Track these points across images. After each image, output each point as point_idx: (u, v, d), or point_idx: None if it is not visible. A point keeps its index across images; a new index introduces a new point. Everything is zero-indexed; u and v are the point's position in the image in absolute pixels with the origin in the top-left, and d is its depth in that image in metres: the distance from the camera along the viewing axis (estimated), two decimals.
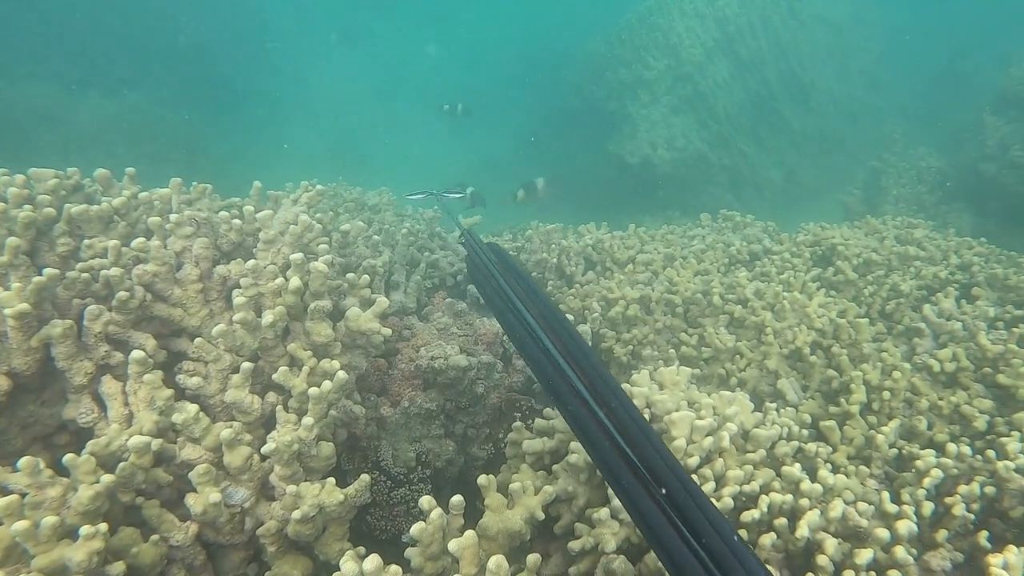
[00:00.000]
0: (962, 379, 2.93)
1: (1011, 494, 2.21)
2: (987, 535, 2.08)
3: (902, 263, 4.03)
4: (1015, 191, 6.62)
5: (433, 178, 12.74)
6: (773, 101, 9.59)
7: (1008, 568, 1.80)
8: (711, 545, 1.00)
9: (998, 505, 2.23)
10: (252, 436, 2.26)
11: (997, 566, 1.81)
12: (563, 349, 1.43)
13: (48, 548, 1.71)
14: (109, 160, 3.19)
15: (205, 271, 2.51)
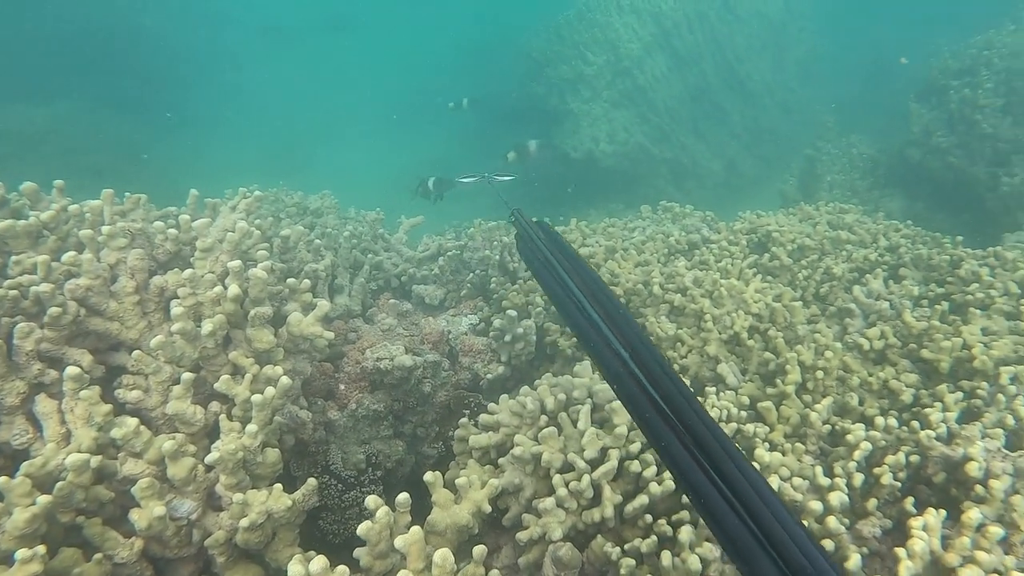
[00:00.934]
0: (890, 355, 3.10)
1: (934, 461, 2.34)
2: (913, 501, 2.21)
3: (834, 247, 4.21)
4: (939, 175, 6.98)
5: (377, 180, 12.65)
6: (711, 94, 9.86)
7: (927, 529, 1.93)
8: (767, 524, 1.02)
9: (923, 472, 2.37)
10: (196, 447, 2.24)
11: (918, 528, 1.93)
12: (604, 315, 1.46)
13: None
14: (42, 173, 3.07)
15: (141, 283, 2.47)
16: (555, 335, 3.49)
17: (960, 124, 6.82)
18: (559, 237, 1.88)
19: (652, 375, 1.28)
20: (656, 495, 2.07)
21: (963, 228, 5.17)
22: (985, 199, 6.37)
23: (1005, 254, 3.73)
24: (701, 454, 1.11)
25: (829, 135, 9.25)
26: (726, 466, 1.07)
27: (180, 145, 12.30)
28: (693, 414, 1.19)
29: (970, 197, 6.54)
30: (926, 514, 1.97)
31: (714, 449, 1.11)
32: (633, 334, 1.38)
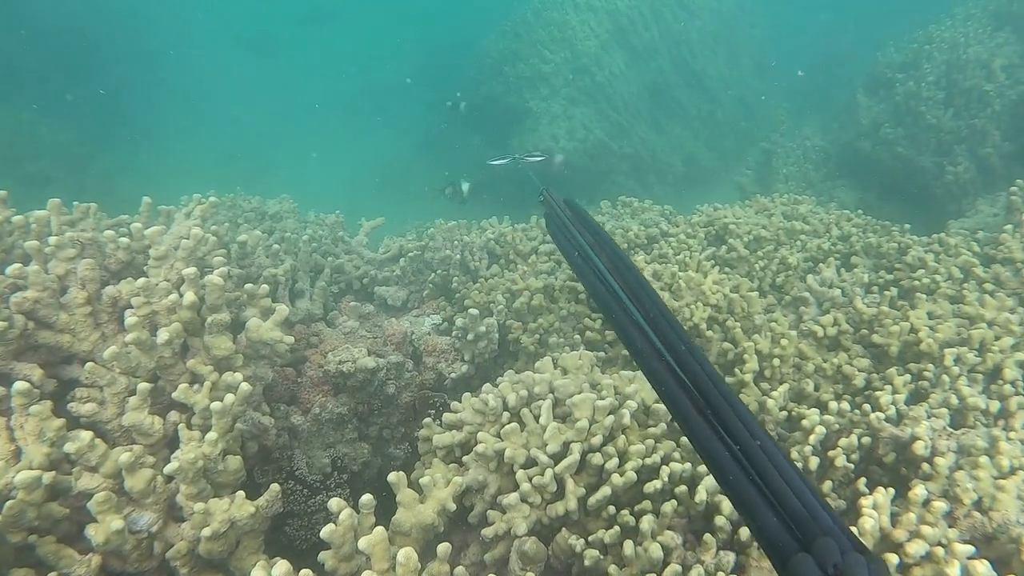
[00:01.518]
0: (843, 341, 3.20)
1: (884, 442, 2.43)
2: (865, 482, 2.29)
3: (789, 237, 4.33)
4: (888, 165, 7.21)
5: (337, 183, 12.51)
6: (669, 89, 9.99)
7: (877, 507, 2.00)
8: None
9: (875, 453, 2.46)
10: (156, 458, 2.21)
11: (868, 507, 2.01)
12: (627, 289, 1.48)
13: None
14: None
15: (93, 293, 2.41)
16: (517, 332, 3.51)
17: (906, 116, 7.05)
18: (587, 216, 1.89)
19: (671, 345, 1.30)
20: (619, 486, 2.10)
21: (912, 216, 5.34)
22: (932, 188, 6.60)
23: (948, 240, 3.89)
24: (717, 420, 1.15)
25: (783, 128, 9.46)
26: (739, 432, 1.12)
27: (135, 153, 11.98)
28: (709, 381, 1.21)
29: (918, 186, 6.78)
30: (875, 493, 2.05)
31: (727, 414, 1.15)
32: (653, 305, 1.40)
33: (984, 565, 1.78)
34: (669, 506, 2.05)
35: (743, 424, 1.14)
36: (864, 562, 0.92)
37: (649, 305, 1.42)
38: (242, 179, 7.00)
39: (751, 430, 1.12)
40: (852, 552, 0.93)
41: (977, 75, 6.52)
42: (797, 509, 1.00)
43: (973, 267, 3.52)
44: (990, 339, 2.87)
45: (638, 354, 1.35)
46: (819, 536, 0.96)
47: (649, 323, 1.36)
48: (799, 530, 0.99)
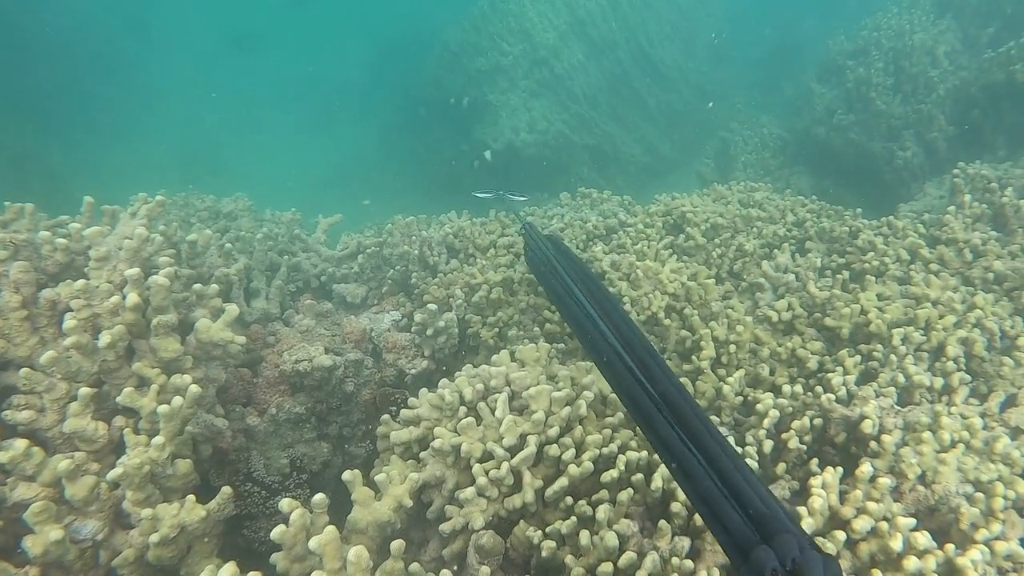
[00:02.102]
0: (797, 325, 3.25)
1: (835, 422, 2.47)
2: (818, 462, 2.33)
3: (746, 224, 4.38)
4: (842, 151, 7.35)
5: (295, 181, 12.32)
6: (628, 80, 10.03)
7: (825, 486, 2.04)
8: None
9: (827, 434, 2.50)
10: (100, 464, 2.16)
11: (817, 486, 2.05)
12: (600, 311, 1.63)
13: None
14: None
15: (28, 296, 2.34)
16: (477, 326, 3.50)
17: (858, 102, 7.20)
18: (566, 247, 2.07)
19: (644, 365, 1.43)
20: (575, 476, 2.11)
21: (865, 201, 5.45)
22: (883, 172, 6.76)
23: (896, 223, 3.98)
24: (685, 433, 1.28)
25: (741, 117, 9.60)
26: (707, 443, 1.25)
27: (84, 152, 11.58)
28: (677, 394, 1.35)
29: (870, 171, 6.93)
30: (824, 472, 2.09)
31: (693, 423, 1.28)
32: (624, 325, 1.53)
33: (925, 536, 1.83)
34: (625, 495, 2.06)
35: (709, 435, 1.25)
36: (820, 559, 1.02)
37: (619, 322, 1.56)
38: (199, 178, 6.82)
39: (717, 440, 1.24)
40: (809, 549, 1.03)
41: (923, 61, 6.69)
42: (759, 509, 1.10)
43: (919, 248, 3.62)
44: (935, 318, 2.95)
45: (615, 378, 1.47)
46: (779, 533, 1.06)
47: (618, 338, 1.49)
48: (759, 528, 1.09)
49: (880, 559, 1.87)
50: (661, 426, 1.32)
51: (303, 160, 13.67)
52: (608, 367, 1.54)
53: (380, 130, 12.63)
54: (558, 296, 1.86)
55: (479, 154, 8.50)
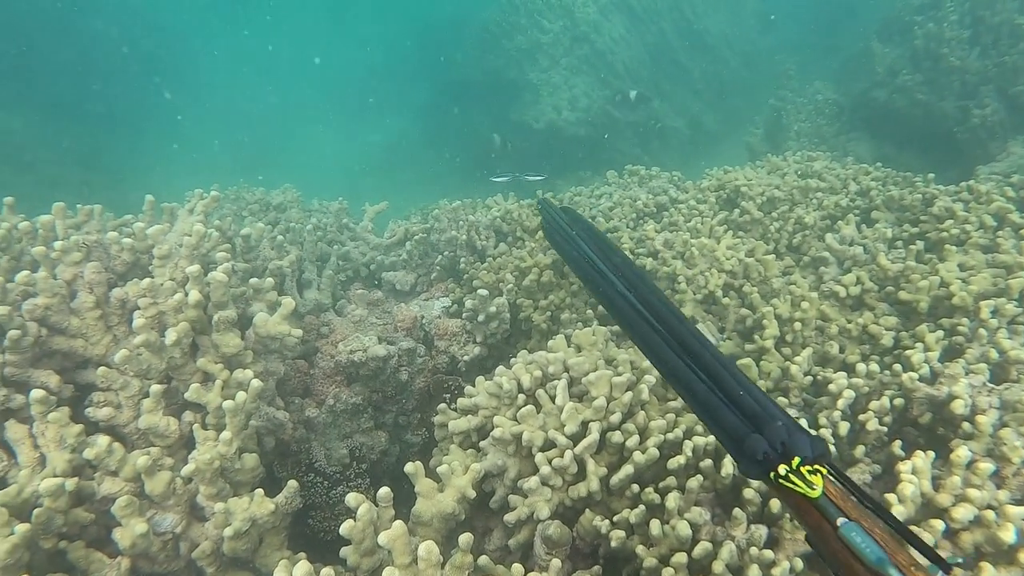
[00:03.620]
0: (868, 300, 3.07)
1: (919, 402, 2.32)
2: (901, 444, 2.19)
3: (804, 196, 4.17)
4: (907, 113, 6.94)
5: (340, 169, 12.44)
6: (671, 52, 9.73)
7: (916, 472, 1.90)
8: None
9: (909, 414, 2.35)
10: (174, 459, 2.21)
11: (906, 472, 1.90)
12: (613, 267, 1.76)
13: None
14: None
15: (101, 296, 2.41)
16: (528, 310, 3.42)
17: (925, 60, 6.77)
18: (580, 217, 2.18)
19: (651, 306, 1.59)
20: (641, 464, 2.02)
21: (933, 165, 5.14)
22: (955, 134, 6.34)
23: (978, 187, 3.71)
24: (687, 355, 1.44)
25: (792, 84, 9.18)
26: (704, 356, 1.42)
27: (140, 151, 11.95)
28: (678, 324, 1.51)
29: (939, 133, 6.52)
30: (914, 457, 1.94)
31: (696, 348, 1.44)
32: (635, 276, 1.68)
33: None
34: (695, 481, 1.96)
35: (710, 354, 1.42)
36: (807, 439, 1.17)
37: (634, 279, 1.68)
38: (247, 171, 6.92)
39: (716, 358, 1.41)
40: (797, 432, 1.19)
41: (1007, 8, 6.20)
42: (751, 407, 1.27)
43: (1008, 213, 3.36)
44: None
45: (624, 320, 1.62)
46: (770, 423, 1.22)
47: (629, 288, 1.63)
48: (753, 422, 1.24)
49: (988, 551, 1.72)
50: (667, 353, 1.47)
51: (345, 148, 13.80)
52: (618, 312, 1.67)
53: (420, 114, 12.62)
54: (573, 260, 1.98)
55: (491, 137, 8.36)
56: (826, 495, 1.08)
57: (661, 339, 1.49)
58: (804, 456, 1.13)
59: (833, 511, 1.05)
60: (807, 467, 1.11)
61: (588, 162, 8.56)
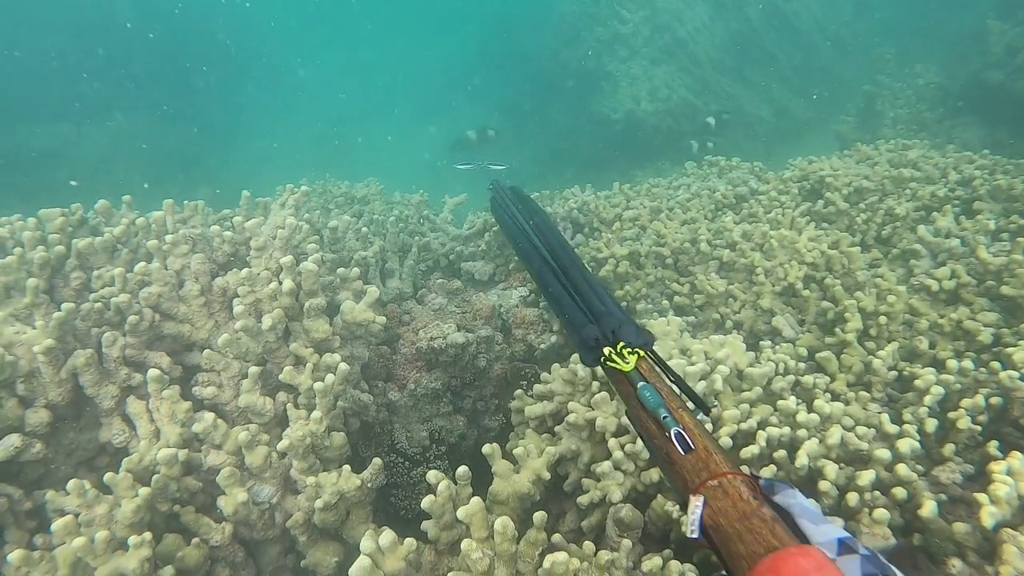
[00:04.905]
0: (964, 295, 2.94)
1: (1020, 402, 2.21)
2: (997, 444, 2.10)
3: (896, 186, 4.00)
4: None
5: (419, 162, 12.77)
6: (756, 38, 9.39)
7: (1013, 473, 1.83)
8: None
9: (1009, 415, 2.25)
10: (269, 436, 2.40)
11: (1000, 472, 1.84)
12: (536, 231, 1.97)
13: (105, 560, 1.88)
14: (113, 189, 3.30)
15: (205, 285, 2.63)
16: None
17: None
18: (526, 196, 2.40)
19: (552, 249, 1.84)
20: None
21: None
22: None
23: None
24: (565, 277, 1.71)
25: (889, 68, 8.68)
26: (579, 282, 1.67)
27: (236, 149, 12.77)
28: (571, 263, 1.76)
29: None
30: (1010, 457, 1.88)
31: (573, 273, 1.71)
32: (559, 247, 1.86)
33: None
34: (768, 472, 2.00)
35: (579, 274, 1.68)
36: (634, 329, 1.40)
37: (547, 234, 1.91)
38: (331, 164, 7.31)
39: (583, 275, 1.67)
40: (627, 324, 1.41)
41: None
42: (596, 306, 1.52)
43: None
44: None
45: (531, 264, 1.86)
46: (605, 317, 1.46)
47: (550, 253, 1.83)
48: (596, 318, 1.49)
49: None
50: (549, 277, 1.73)
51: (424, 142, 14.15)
52: (526, 257, 1.91)
53: (499, 108, 12.77)
54: (510, 230, 2.16)
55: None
56: (637, 369, 1.29)
57: (549, 269, 1.76)
58: (629, 342, 1.36)
59: (638, 379, 1.25)
60: (628, 349, 1.34)
61: (668, 153, 8.44)
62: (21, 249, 2.43)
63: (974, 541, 1.81)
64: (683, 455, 1.04)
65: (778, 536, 0.83)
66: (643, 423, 1.18)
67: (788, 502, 0.93)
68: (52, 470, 2.32)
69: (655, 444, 1.14)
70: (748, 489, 0.94)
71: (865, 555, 0.79)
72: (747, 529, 0.85)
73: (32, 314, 2.34)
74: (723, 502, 0.92)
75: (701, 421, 1.15)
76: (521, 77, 11.51)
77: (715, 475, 0.98)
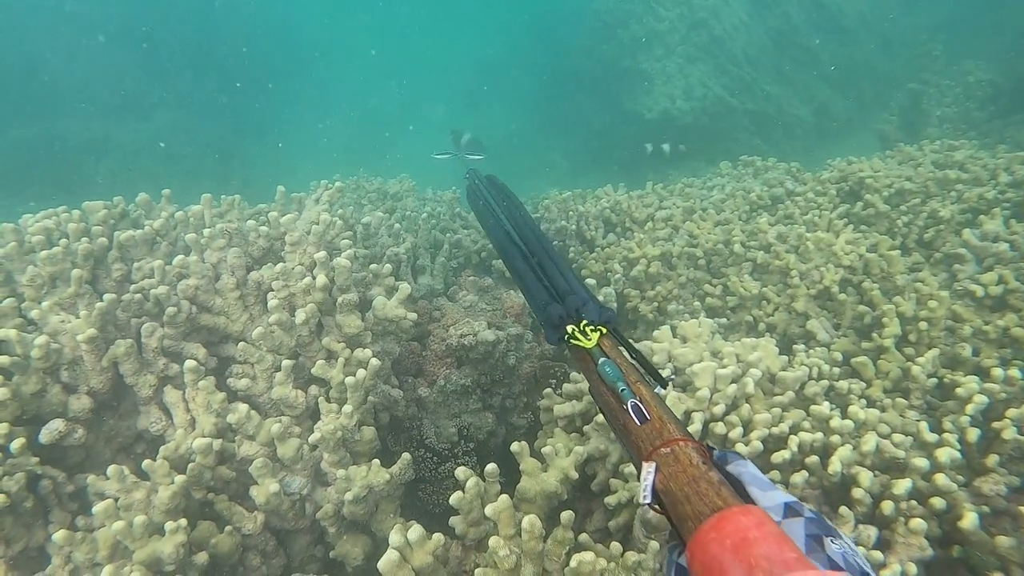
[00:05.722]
0: (1012, 301, 2.84)
1: None
2: None
3: (941, 188, 3.88)
4: None
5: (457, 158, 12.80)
6: (795, 35, 9.18)
7: None
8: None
9: None
10: (300, 428, 2.44)
11: None
12: (518, 230, 1.94)
13: (143, 543, 1.94)
14: (150, 181, 3.38)
15: (240, 279, 2.67)
16: (635, 301, 3.46)
17: None
18: (501, 184, 2.39)
19: (520, 230, 1.86)
20: (744, 454, 2.03)
21: None
22: None
23: None
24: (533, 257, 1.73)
25: (936, 65, 8.41)
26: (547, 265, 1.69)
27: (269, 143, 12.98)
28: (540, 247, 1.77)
29: None
30: None
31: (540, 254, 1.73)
32: (529, 231, 1.88)
33: None
34: (799, 476, 1.96)
35: (548, 257, 1.71)
36: (597, 307, 1.42)
37: (526, 230, 1.88)
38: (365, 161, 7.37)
39: (551, 256, 1.71)
40: (591, 303, 1.44)
41: None
42: (562, 286, 1.57)
43: None
44: None
45: (510, 260, 1.84)
46: (570, 295, 1.50)
47: (522, 239, 1.83)
48: (561, 297, 1.53)
49: None
50: (518, 260, 1.75)
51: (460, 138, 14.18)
52: (503, 252, 1.89)
53: (534, 104, 12.74)
54: (482, 216, 2.18)
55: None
56: (599, 346, 1.31)
57: (519, 252, 1.78)
58: (592, 320, 1.38)
59: (599, 355, 1.27)
60: (591, 327, 1.36)
61: (704, 152, 8.32)
62: (66, 240, 2.51)
63: (1019, 556, 1.75)
64: (639, 425, 1.07)
65: (723, 497, 0.84)
66: (603, 397, 1.21)
67: (739, 471, 0.94)
68: (93, 455, 2.39)
69: (614, 416, 1.17)
70: (698, 455, 0.96)
71: (810, 517, 0.82)
72: (695, 492, 0.88)
73: (76, 304, 2.42)
74: (674, 467, 0.94)
75: (659, 394, 1.19)
76: (555, 74, 11.47)
77: (667, 442, 1.00)
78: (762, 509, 0.79)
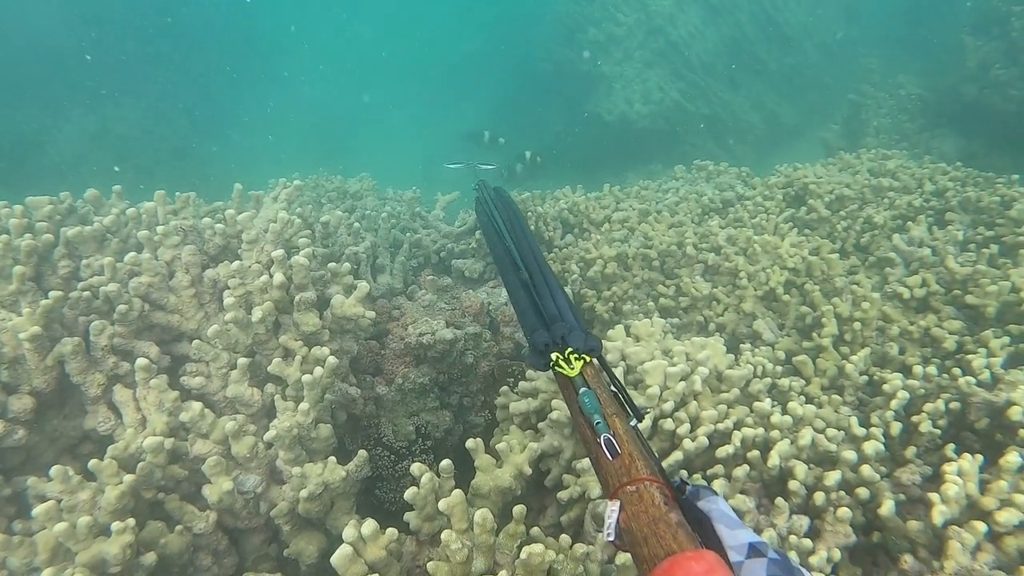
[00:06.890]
0: (933, 303, 3.04)
1: (976, 407, 2.31)
2: (954, 448, 2.19)
3: (876, 195, 4.10)
4: (1000, 109, 6.58)
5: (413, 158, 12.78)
6: (748, 44, 9.49)
7: (962, 474, 1.93)
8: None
9: (967, 419, 2.34)
10: (256, 426, 2.43)
11: (952, 473, 1.94)
12: (518, 246, 2.00)
13: (87, 545, 1.90)
14: (100, 177, 3.28)
15: (195, 277, 2.65)
16: (592, 301, 3.55)
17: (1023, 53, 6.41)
18: (508, 199, 2.44)
19: (527, 266, 1.86)
20: (690, 451, 2.13)
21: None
22: None
23: None
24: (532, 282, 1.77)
25: (873, 78, 8.82)
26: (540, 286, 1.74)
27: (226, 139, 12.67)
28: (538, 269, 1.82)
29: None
30: (961, 459, 1.97)
31: (538, 280, 1.77)
32: (527, 249, 1.94)
33: None
34: (741, 471, 2.06)
35: (545, 281, 1.75)
36: (582, 335, 1.45)
37: (525, 249, 1.95)
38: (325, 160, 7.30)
39: (548, 282, 1.75)
40: (576, 330, 1.47)
41: None
42: (552, 312, 1.60)
43: None
44: None
45: (506, 278, 1.91)
46: (557, 323, 1.53)
47: (522, 260, 1.89)
48: (548, 321, 1.57)
49: None
50: (515, 285, 1.80)
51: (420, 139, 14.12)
52: (503, 270, 1.95)
53: (495, 106, 12.77)
54: (488, 231, 2.23)
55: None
56: (582, 375, 1.35)
57: (515, 272, 1.84)
58: (576, 347, 1.41)
59: (581, 384, 1.31)
60: (575, 355, 1.39)
61: (659, 155, 8.52)
62: (7, 236, 2.43)
63: (925, 538, 1.90)
64: (610, 460, 1.09)
65: (679, 541, 0.87)
66: (581, 428, 1.24)
67: (709, 507, 0.97)
68: (34, 456, 2.32)
69: (589, 448, 1.20)
70: (660, 495, 0.98)
71: (773, 559, 0.84)
72: (653, 533, 0.90)
73: (18, 301, 2.35)
74: (637, 506, 0.96)
75: (634, 428, 1.23)
76: (519, 75, 11.53)
77: (634, 480, 1.02)
78: (714, 555, 0.81)
